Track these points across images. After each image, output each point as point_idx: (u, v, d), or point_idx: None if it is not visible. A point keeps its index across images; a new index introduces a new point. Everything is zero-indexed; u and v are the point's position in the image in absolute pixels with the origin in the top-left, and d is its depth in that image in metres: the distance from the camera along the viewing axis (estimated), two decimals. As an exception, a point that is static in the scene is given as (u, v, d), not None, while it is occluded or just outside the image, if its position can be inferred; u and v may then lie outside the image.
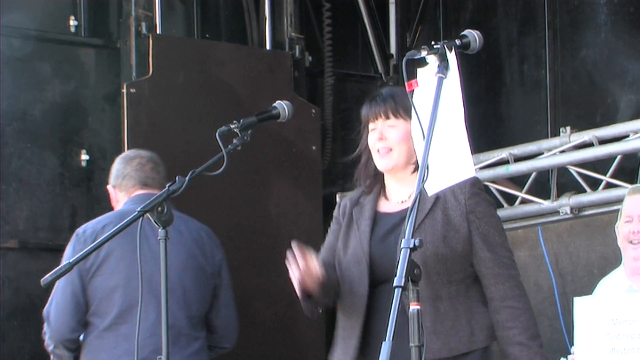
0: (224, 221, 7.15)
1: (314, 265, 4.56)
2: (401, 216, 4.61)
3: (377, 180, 4.81)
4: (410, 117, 4.52)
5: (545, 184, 7.91)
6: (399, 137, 4.66)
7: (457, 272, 4.67)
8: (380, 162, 4.70)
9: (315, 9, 8.47)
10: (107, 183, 7.37)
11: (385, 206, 4.78)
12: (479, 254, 4.69)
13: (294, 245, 4.58)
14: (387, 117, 4.69)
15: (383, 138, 4.68)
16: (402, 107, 4.68)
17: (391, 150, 4.67)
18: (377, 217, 4.75)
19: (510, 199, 8.04)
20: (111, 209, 7.25)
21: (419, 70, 4.16)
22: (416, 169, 4.66)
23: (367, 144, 4.77)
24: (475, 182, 4.70)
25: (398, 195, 4.76)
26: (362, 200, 4.81)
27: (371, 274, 4.68)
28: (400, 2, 8.69)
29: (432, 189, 4.13)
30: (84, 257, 4.85)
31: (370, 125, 4.73)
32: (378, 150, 4.69)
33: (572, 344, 6.11)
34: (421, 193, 4.46)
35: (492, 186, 8.04)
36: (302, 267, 4.53)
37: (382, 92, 4.85)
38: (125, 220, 5.15)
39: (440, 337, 4.57)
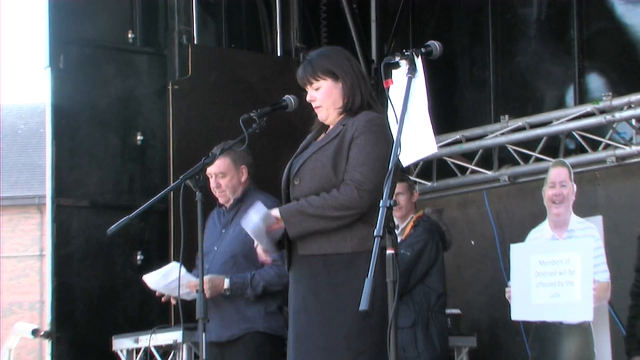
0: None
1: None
2: (319, 145, 4.47)
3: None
4: (328, 74, 4.47)
5: (489, 158, 7.93)
6: (322, 96, 4.48)
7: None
8: (319, 117, 4.54)
9: (315, 25, 8.47)
10: (156, 158, 7.43)
11: (321, 136, 4.57)
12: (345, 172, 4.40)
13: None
14: (311, 83, 4.50)
15: (313, 99, 4.51)
16: (320, 70, 4.51)
17: (321, 106, 4.50)
18: (310, 144, 4.55)
19: (463, 170, 8.05)
20: (162, 176, 7.30)
21: (394, 72, 4.15)
22: (343, 111, 4.49)
23: None
24: (371, 119, 4.43)
25: (332, 127, 4.53)
26: (315, 131, 4.62)
27: (287, 182, 4.52)
28: (379, 20, 8.69)
29: (405, 161, 4.13)
30: (143, 210, 4.84)
31: (306, 89, 4.54)
32: (315, 109, 4.52)
33: (509, 279, 6.15)
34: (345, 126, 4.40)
35: (449, 160, 8.06)
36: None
37: (307, 58, 4.67)
38: (168, 188, 5.18)
39: (316, 241, 4.35)
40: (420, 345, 6.16)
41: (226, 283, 5.50)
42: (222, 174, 5.63)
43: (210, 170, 5.53)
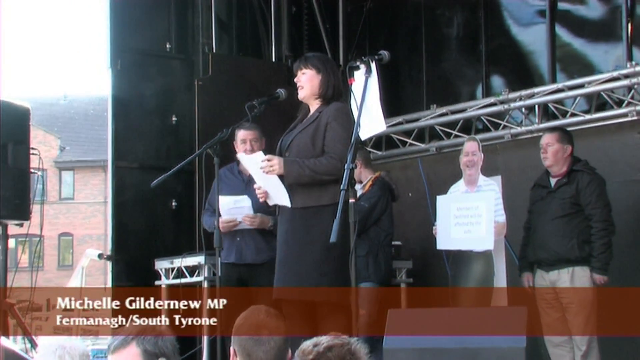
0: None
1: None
2: (302, 127, 4.41)
3: (307, 105, 4.55)
4: (314, 67, 4.42)
5: (422, 135, 7.92)
6: (306, 79, 4.44)
7: (320, 156, 4.35)
8: (299, 95, 4.50)
9: (299, 39, 8.41)
10: (186, 133, 7.37)
11: (303, 121, 4.52)
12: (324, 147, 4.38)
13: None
14: (300, 69, 4.47)
15: (298, 80, 4.47)
16: (310, 62, 4.46)
17: (302, 87, 4.46)
18: (297, 125, 4.51)
19: (403, 143, 8.04)
20: (190, 146, 7.24)
21: (355, 73, 4.12)
22: (318, 97, 4.43)
23: None
24: (339, 108, 4.38)
25: (309, 115, 4.50)
26: (300, 116, 4.58)
27: (279, 153, 4.47)
28: (345, 36, 8.62)
29: (363, 136, 4.11)
30: (176, 170, 4.80)
31: (296, 74, 4.52)
32: (298, 88, 4.48)
33: (435, 220, 6.15)
34: (320, 112, 4.35)
35: (394, 136, 8.03)
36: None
37: (304, 55, 4.63)
38: (193, 155, 5.14)
39: (300, 196, 4.32)
40: (371, 269, 6.15)
41: (271, 220, 5.45)
42: (256, 140, 5.59)
43: (246, 137, 5.53)
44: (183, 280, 6.27)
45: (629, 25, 6.82)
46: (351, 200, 3.72)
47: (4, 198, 6.00)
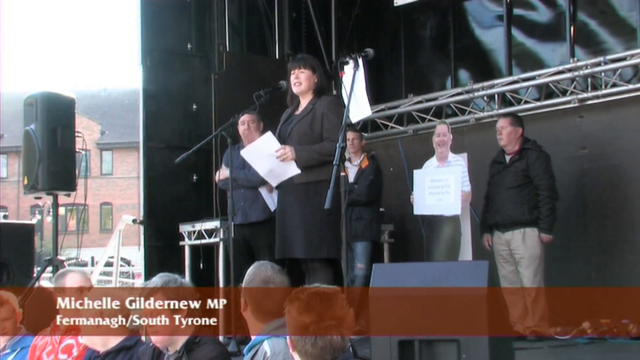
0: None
1: None
2: (299, 117, 4.40)
3: (297, 98, 4.54)
4: (310, 68, 4.41)
5: (401, 119, 7.90)
6: (304, 77, 4.42)
7: (318, 140, 4.37)
8: (296, 90, 4.46)
9: (298, 39, 8.36)
10: (204, 119, 7.33)
11: (297, 111, 4.51)
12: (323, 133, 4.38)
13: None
14: (299, 68, 4.44)
15: (298, 77, 4.45)
16: (307, 63, 4.46)
17: (300, 84, 4.43)
18: (292, 116, 4.50)
19: (385, 126, 8.01)
20: (208, 129, 7.19)
21: (345, 67, 4.11)
22: (313, 93, 4.41)
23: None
24: (331, 100, 4.39)
25: (302, 107, 4.48)
26: (291, 107, 4.57)
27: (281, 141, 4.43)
28: (337, 36, 8.56)
29: (353, 120, 4.11)
30: (196, 149, 4.79)
31: (292, 72, 4.48)
32: (294, 84, 4.46)
33: (412, 190, 6.15)
34: (314, 104, 4.33)
35: (377, 120, 8.00)
36: None
37: (297, 56, 4.63)
38: (210, 136, 5.14)
39: (302, 173, 4.30)
40: (374, 230, 6.19)
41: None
42: (252, 121, 5.61)
43: (245, 119, 5.56)
44: (203, 241, 6.26)
45: (572, 27, 6.83)
46: (342, 174, 3.72)
47: (55, 173, 6.11)
